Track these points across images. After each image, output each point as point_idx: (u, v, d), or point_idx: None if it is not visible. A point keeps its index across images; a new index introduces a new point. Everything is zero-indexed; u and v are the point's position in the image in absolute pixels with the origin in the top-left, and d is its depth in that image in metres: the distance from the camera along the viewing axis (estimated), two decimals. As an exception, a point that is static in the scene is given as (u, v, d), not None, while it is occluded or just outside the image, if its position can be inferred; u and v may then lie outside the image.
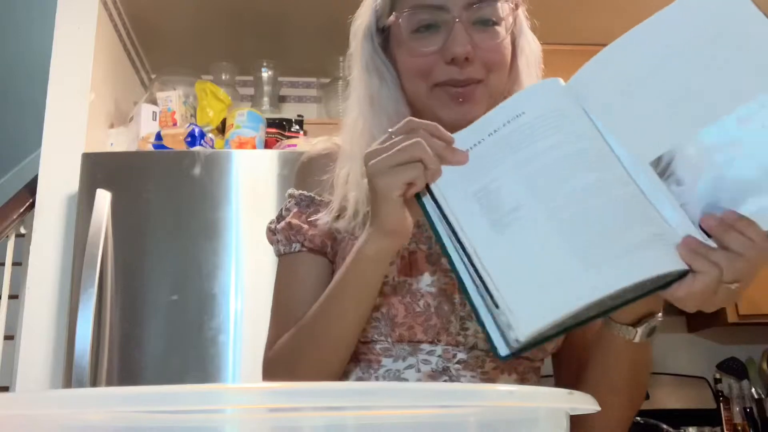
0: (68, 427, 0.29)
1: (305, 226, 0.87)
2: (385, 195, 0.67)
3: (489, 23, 0.82)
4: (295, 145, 2.29)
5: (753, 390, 2.66)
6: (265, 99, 2.81)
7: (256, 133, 2.28)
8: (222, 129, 2.36)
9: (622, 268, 0.60)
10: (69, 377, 1.79)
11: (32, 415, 0.29)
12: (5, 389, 2.35)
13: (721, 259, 0.61)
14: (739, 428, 2.60)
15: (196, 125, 2.22)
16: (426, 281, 0.82)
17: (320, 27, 2.67)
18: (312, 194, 0.89)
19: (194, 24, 2.68)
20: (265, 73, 2.83)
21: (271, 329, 0.89)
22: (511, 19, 0.84)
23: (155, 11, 2.58)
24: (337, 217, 0.85)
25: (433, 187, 0.68)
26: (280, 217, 0.91)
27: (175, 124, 2.28)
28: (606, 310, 0.63)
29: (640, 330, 0.71)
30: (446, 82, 0.81)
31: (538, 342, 0.62)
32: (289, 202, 0.91)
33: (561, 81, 0.70)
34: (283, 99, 3.03)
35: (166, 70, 2.59)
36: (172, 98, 2.33)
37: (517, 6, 0.87)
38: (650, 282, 0.61)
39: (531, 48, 0.89)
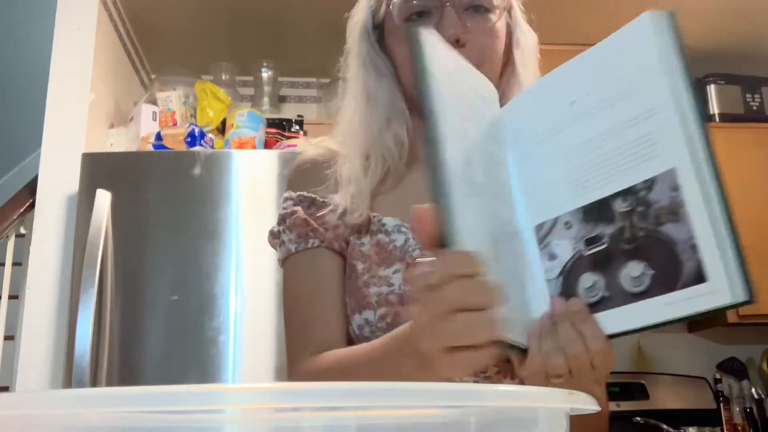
0: (68, 427, 0.29)
1: (321, 229, 0.84)
2: (432, 360, 0.54)
3: (481, 9, 0.82)
4: (295, 145, 2.29)
5: (753, 390, 2.66)
6: (265, 99, 2.81)
7: (256, 133, 2.28)
8: (222, 129, 2.36)
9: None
10: (69, 377, 1.79)
11: (32, 415, 0.29)
12: (5, 389, 2.35)
13: (548, 348, 0.56)
14: (739, 428, 2.60)
15: (196, 125, 2.22)
16: None
17: (320, 27, 2.67)
18: (312, 195, 0.86)
19: (194, 24, 2.69)
20: (265, 73, 2.83)
21: (287, 335, 0.83)
22: (503, 5, 0.84)
23: (155, 11, 2.58)
24: (343, 215, 0.82)
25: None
26: (283, 220, 0.87)
27: (175, 124, 2.28)
28: None
29: None
30: None
31: None
32: (287, 202, 0.88)
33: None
34: (283, 99, 3.03)
35: (166, 70, 2.59)
36: (172, 98, 2.33)
37: None
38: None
39: (527, 39, 0.88)
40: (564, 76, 0.60)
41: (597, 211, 0.55)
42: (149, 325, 1.90)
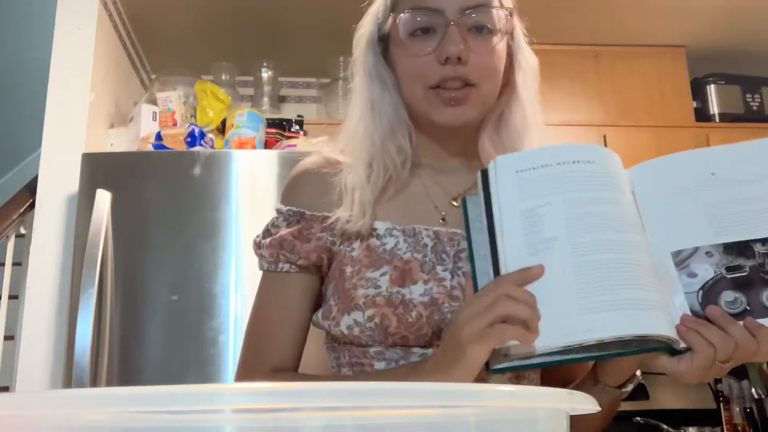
0: (68, 427, 0.29)
1: (298, 243, 0.87)
2: (474, 362, 0.67)
3: (483, 30, 0.86)
4: (295, 146, 2.29)
5: (753, 390, 2.66)
6: (265, 99, 2.81)
7: (256, 133, 2.28)
8: (222, 129, 2.36)
9: (618, 320, 0.67)
10: (69, 377, 1.79)
11: (32, 415, 0.29)
12: (5, 389, 2.35)
13: (715, 338, 0.69)
14: (739, 428, 2.60)
15: (196, 125, 2.22)
16: (419, 291, 0.82)
17: (320, 27, 2.67)
18: (301, 209, 0.89)
19: (194, 24, 2.69)
20: (265, 73, 2.83)
21: (245, 346, 0.90)
22: (505, 28, 0.87)
23: (155, 11, 2.58)
24: (346, 224, 0.85)
25: (493, 192, 0.75)
26: (267, 233, 0.91)
27: (175, 124, 2.28)
28: (590, 356, 0.71)
29: (627, 390, 0.82)
30: (440, 82, 0.85)
31: (520, 367, 0.71)
32: (278, 218, 0.91)
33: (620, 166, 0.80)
34: (283, 99, 3.03)
35: (166, 70, 2.59)
36: (172, 98, 2.33)
37: (511, 14, 0.89)
38: (636, 342, 0.70)
39: (529, 63, 0.92)
40: (707, 155, 0.80)
41: (737, 248, 0.73)
42: (149, 325, 1.90)
